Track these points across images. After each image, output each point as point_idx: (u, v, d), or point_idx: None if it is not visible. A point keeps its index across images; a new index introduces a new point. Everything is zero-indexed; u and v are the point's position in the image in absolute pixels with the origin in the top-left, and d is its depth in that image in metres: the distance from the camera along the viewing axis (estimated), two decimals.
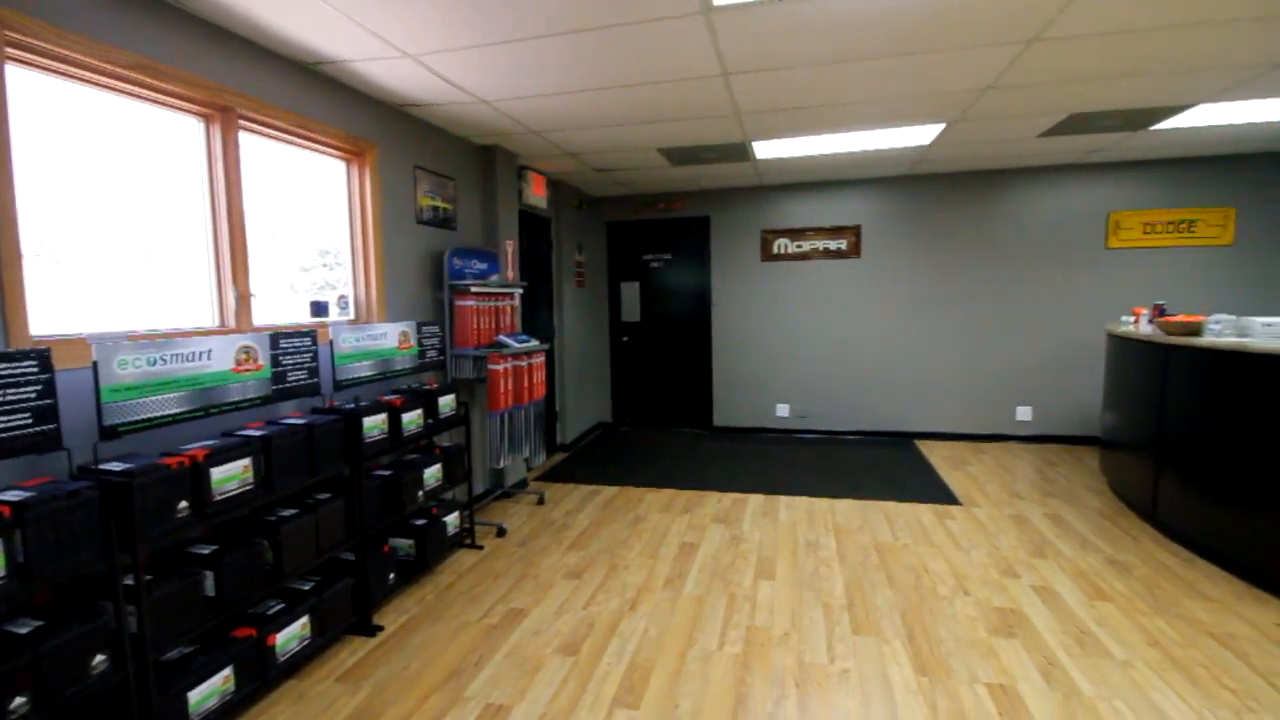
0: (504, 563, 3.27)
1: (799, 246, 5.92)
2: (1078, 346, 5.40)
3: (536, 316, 5.15)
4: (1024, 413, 5.57)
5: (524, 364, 3.81)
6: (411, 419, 2.94)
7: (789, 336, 6.02)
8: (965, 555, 3.23)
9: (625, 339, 6.51)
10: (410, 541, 2.99)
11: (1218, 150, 4.87)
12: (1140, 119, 3.88)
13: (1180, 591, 2.80)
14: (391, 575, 2.81)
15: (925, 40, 2.63)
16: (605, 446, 5.78)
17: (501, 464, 3.77)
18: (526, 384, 3.84)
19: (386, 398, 2.94)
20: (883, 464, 4.98)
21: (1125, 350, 3.96)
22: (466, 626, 2.64)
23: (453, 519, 3.26)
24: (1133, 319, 4.00)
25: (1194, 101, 3.54)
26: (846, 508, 3.98)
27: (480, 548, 3.46)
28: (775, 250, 5.97)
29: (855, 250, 5.79)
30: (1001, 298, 5.53)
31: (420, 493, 3.01)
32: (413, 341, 3.24)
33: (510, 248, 4.38)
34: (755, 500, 4.16)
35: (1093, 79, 3.14)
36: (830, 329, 5.92)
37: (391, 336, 3.08)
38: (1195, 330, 3.30)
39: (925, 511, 3.88)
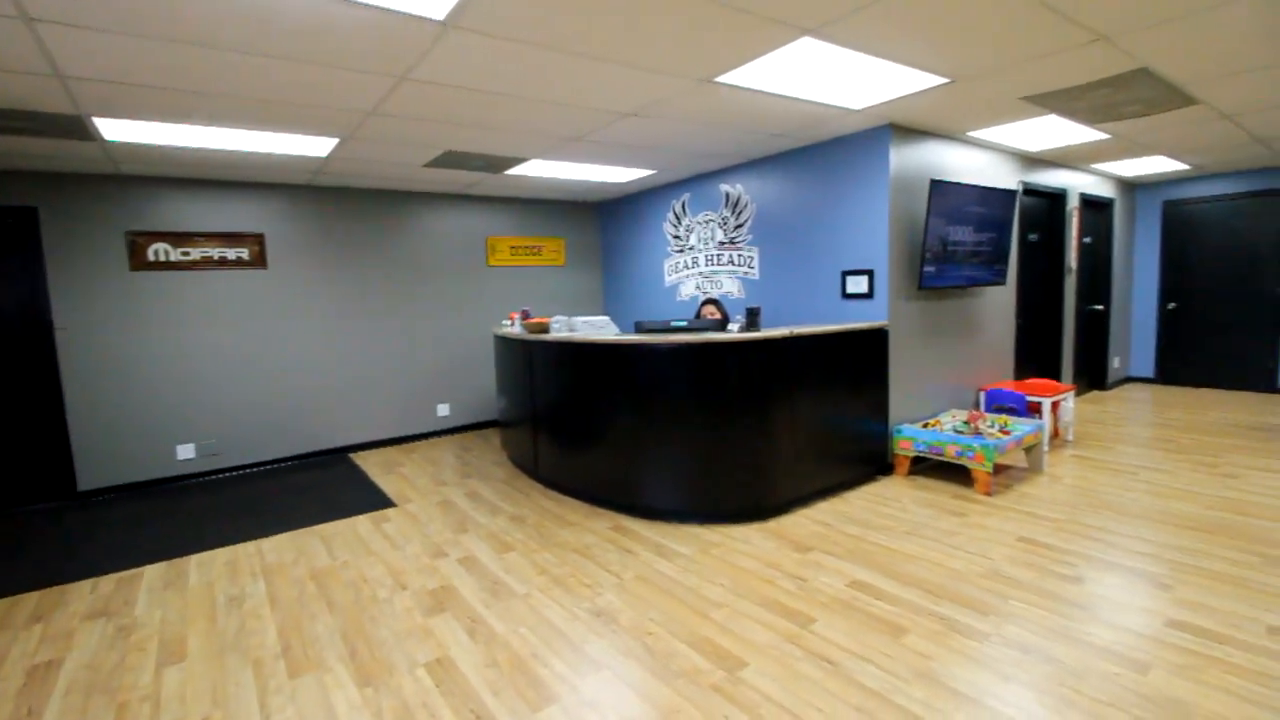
0: None
1: (186, 254, 4.98)
2: (476, 346, 6.43)
3: None
4: (444, 409, 6.29)
5: None
6: None
7: (186, 362, 5.01)
8: (401, 552, 3.41)
9: None
10: None
11: (553, 195, 6.58)
12: (498, 164, 4.87)
13: (557, 525, 3.71)
14: None
15: (306, 51, 2.58)
16: None
17: None
18: None
19: None
20: (316, 486, 4.76)
21: (506, 347, 4.95)
22: None
23: None
24: (509, 322, 5.02)
25: (529, 156, 4.67)
26: (277, 544, 3.62)
27: None
28: (152, 257, 4.85)
29: (260, 260, 5.27)
30: (412, 308, 6.04)
31: None
32: None
33: None
34: (153, 572, 3.32)
35: (458, 124, 3.74)
36: (240, 349, 5.22)
37: None
38: (545, 328, 4.40)
39: (362, 522, 3.91)
